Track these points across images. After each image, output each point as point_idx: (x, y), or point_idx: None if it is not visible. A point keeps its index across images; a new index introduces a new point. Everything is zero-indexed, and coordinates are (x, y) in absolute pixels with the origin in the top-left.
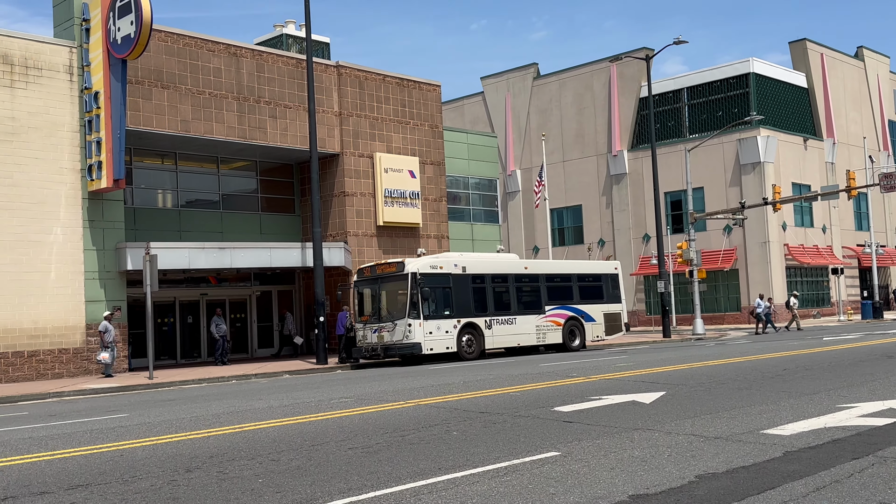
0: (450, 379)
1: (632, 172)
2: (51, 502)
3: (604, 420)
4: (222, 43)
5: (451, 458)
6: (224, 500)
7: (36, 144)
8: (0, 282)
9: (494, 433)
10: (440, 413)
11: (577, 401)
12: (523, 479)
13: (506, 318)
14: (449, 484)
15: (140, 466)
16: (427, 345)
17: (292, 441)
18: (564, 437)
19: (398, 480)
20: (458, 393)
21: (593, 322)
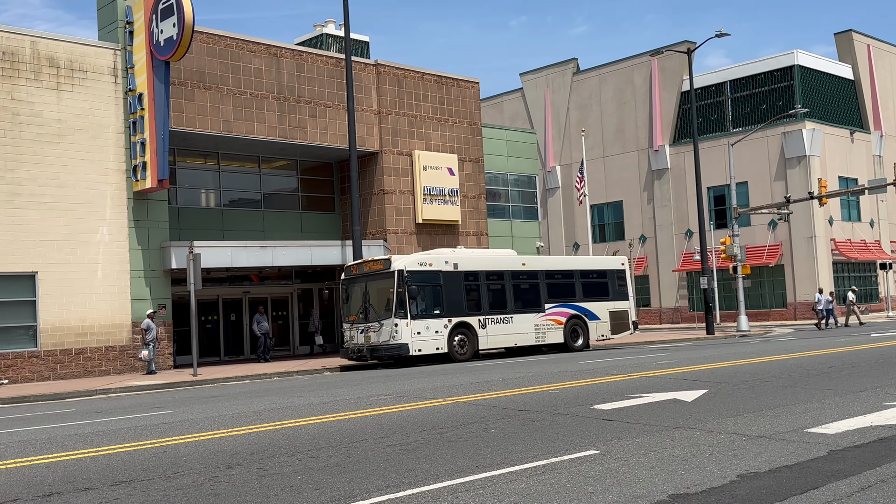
0: (489, 376)
1: (674, 167)
2: (95, 498)
3: (644, 418)
4: (263, 44)
5: (490, 456)
6: (264, 496)
7: (82, 146)
8: (48, 281)
9: (533, 431)
10: (479, 410)
11: (616, 399)
12: (561, 477)
13: (502, 317)
14: (486, 482)
15: (182, 463)
16: (415, 345)
17: (331, 438)
18: (604, 435)
19: (436, 478)
20: (497, 390)
21: (598, 320)
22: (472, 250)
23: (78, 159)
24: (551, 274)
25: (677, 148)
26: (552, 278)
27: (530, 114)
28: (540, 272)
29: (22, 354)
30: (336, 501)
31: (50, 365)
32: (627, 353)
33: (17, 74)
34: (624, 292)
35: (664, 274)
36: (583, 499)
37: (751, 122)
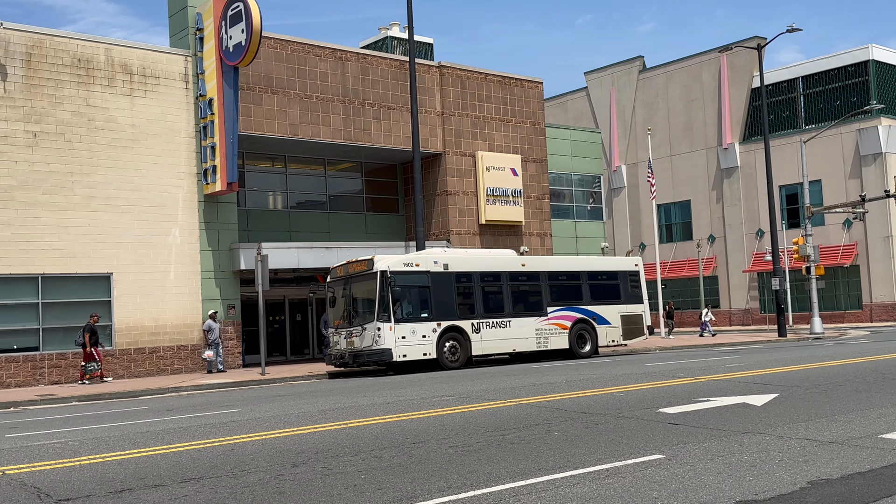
0: (552, 378)
1: (744, 165)
2: (164, 495)
3: (711, 422)
4: (328, 48)
5: (552, 459)
6: (327, 495)
7: (155, 150)
8: (123, 282)
9: (596, 434)
10: (541, 413)
11: (683, 402)
12: (625, 482)
13: (498, 321)
14: (549, 485)
15: (249, 460)
16: (399, 351)
17: (394, 438)
18: (669, 439)
19: (497, 480)
20: (560, 392)
21: (608, 325)
22: (468, 250)
23: (151, 163)
24: (555, 275)
25: (747, 146)
26: (556, 280)
27: (595, 113)
28: (542, 273)
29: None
30: (398, 502)
31: (124, 363)
32: (694, 355)
33: (93, 81)
34: (637, 295)
35: (734, 275)
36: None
37: (824, 118)
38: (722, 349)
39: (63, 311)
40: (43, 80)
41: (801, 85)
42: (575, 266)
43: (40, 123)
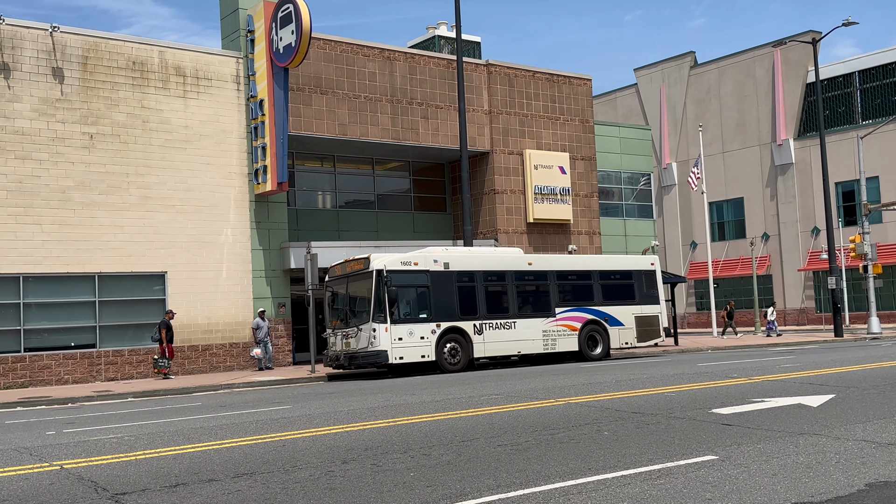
0: (602, 377)
1: (798, 162)
2: (218, 489)
3: (766, 423)
4: (376, 47)
5: (602, 459)
6: (377, 492)
7: (207, 151)
8: (177, 280)
9: (647, 434)
10: (591, 412)
11: (736, 403)
12: (677, 482)
13: (502, 322)
14: (599, 485)
15: (300, 457)
16: (396, 353)
17: (443, 436)
18: (722, 440)
19: (547, 479)
20: (610, 392)
21: (621, 326)
22: (471, 248)
23: (203, 164)
24: (564, 275)
25: (802, 142)
26: (565, 279)
27: (645, 110)
28: (550, 273)
29: (153, 350)
30: (447, 499)
31: (178, 360)
32: (748, 355)
33: (147, 83)
34: (654, 295)
35: (788, 273)
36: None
37: (881, 113)
38: (777, 349)
39: (119, 310)
40: (99, 83)
41: (857, 79)
42: (586, 265)
43: (96, 125)
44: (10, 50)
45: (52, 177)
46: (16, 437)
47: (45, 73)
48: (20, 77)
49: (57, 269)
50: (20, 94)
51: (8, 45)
